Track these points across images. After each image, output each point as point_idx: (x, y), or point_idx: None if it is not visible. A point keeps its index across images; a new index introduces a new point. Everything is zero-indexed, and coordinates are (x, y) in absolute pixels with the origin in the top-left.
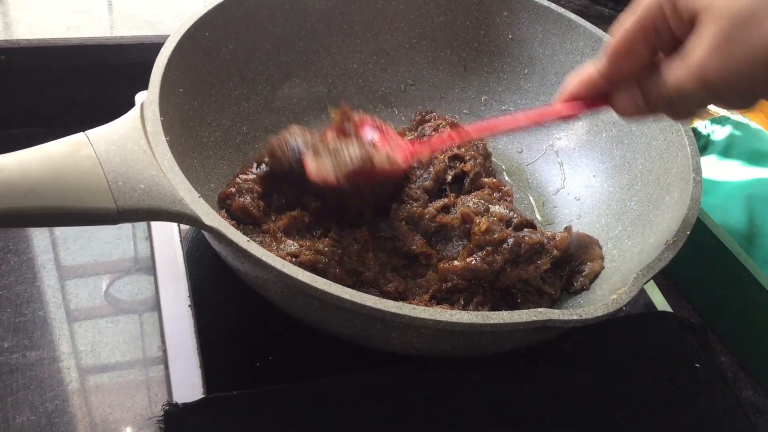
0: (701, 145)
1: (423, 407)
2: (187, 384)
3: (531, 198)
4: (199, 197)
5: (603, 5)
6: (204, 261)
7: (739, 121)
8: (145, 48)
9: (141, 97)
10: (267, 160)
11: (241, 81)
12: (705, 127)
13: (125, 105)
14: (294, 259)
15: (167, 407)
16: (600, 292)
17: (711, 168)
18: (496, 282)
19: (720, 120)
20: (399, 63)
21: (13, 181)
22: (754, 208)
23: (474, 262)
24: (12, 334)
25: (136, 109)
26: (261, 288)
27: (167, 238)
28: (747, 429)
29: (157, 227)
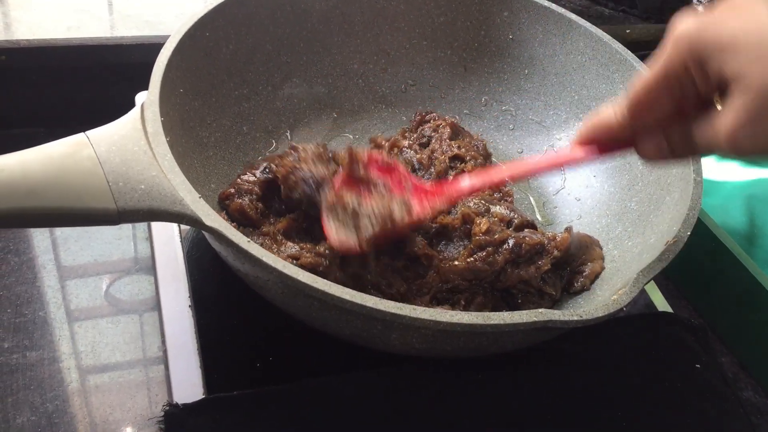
0: None
1: (423, 407)
2: (188, 384)
3: (531, 198)
4: (200, 198)
5: (603, 5)
6: (204, 261)
7: None
8: (146, 48)
9: (141, 98)
10: (276, 175)
11: (242, 81)
12: None
13: (125, 105)
14: (294, 262)
15: (167, 407)
16: (600, 292)
17: (711, 168)
18: (496, 282)
19: None
20: (399, 63)
21: (14, 182)
22: (754, 208)
23: (475, 262)
24: (12, 334)
25: (136, 110)
26: (261, 288)
27: (167, 238)
28: (747, 430)
29: (158, 227)
